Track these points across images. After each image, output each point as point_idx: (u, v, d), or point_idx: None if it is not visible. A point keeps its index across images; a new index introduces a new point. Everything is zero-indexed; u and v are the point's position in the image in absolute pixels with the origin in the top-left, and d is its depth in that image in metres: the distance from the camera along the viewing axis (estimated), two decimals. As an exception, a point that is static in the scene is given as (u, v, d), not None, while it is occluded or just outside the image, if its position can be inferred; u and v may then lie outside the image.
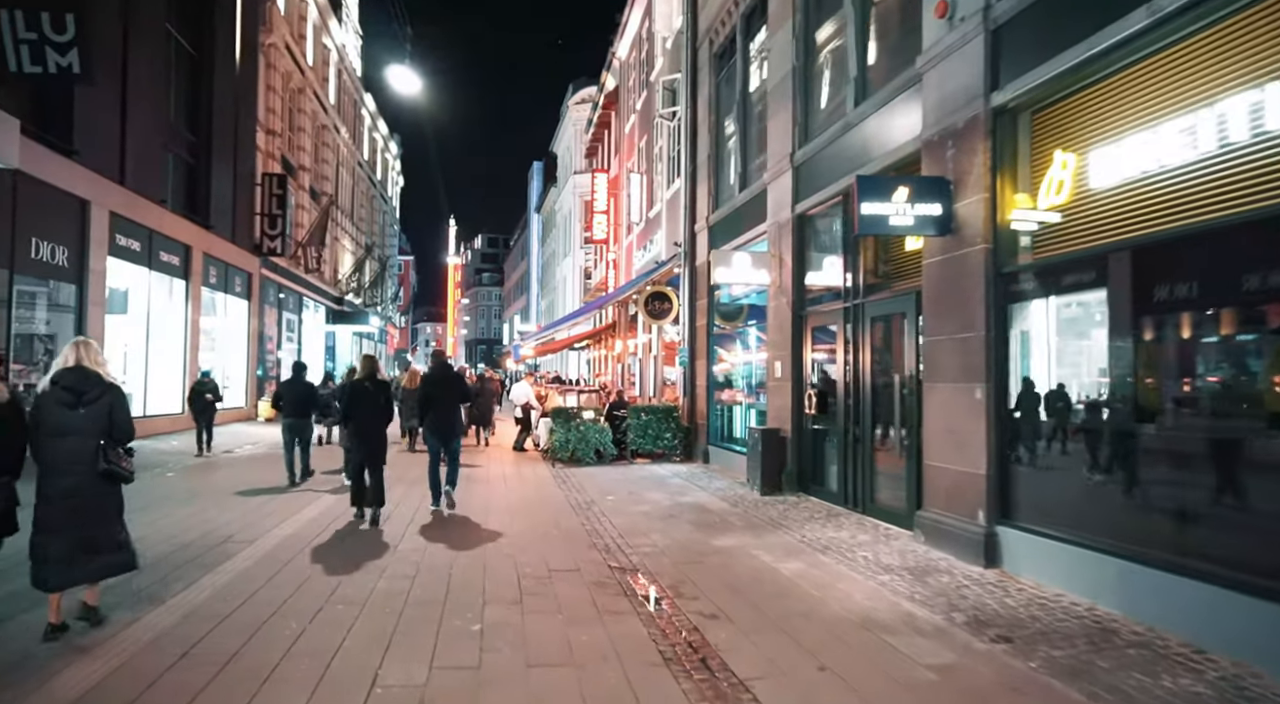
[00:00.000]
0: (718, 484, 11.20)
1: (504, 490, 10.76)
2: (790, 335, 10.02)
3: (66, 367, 4.58)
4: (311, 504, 9.32)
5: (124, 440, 4.68)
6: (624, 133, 22.82)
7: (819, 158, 9.47)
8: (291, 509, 8.96)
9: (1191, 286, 4.72)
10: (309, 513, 8.75)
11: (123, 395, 4.78)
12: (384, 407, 8.35)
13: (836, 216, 9.29)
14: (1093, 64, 5.30)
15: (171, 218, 18.75)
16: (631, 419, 14.16)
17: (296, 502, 9.47)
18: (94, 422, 4.53)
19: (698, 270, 14.44)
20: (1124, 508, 5.15)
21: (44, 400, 4.52)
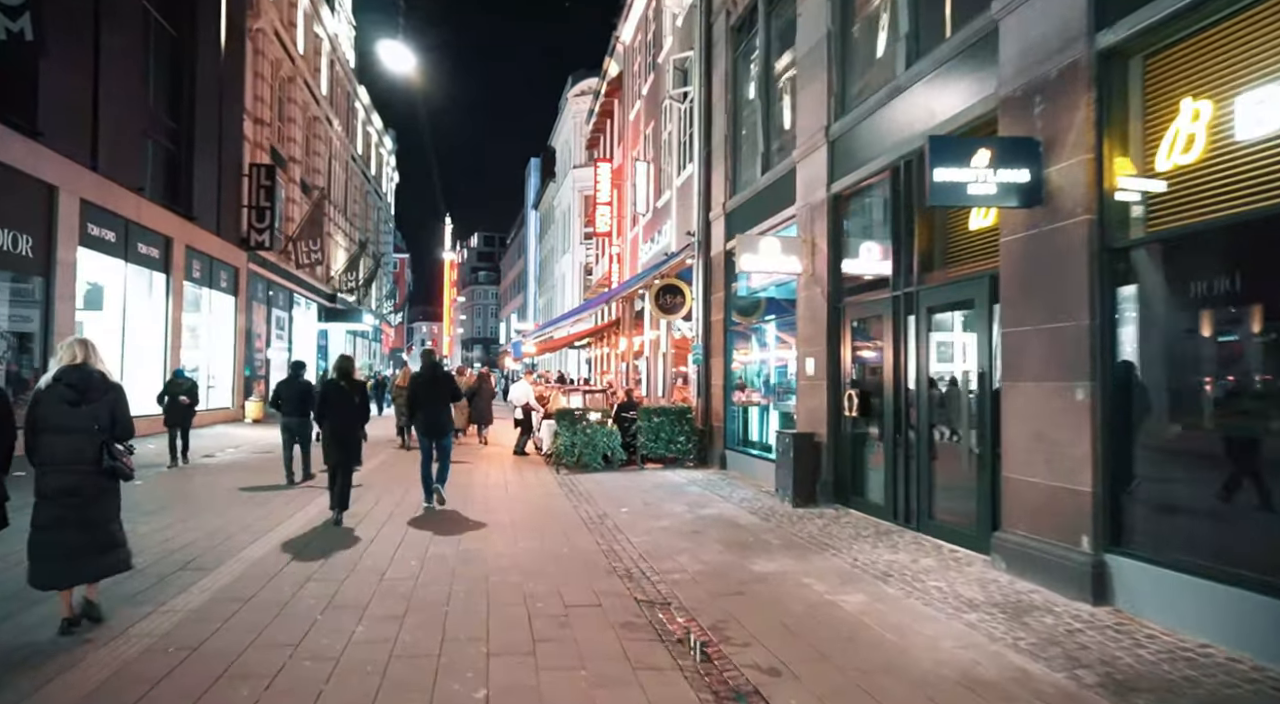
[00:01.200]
0: (741, 493, 10.17)
1: (506, 501, 9.72)
2: (825, 329, 8.99)
3: (70, 365, 4.58)
4: (292, 518, 8.26)
5: (125, 439, 4.73)
6: (628, 121, 21.78)
7: (860, 131, 8.45)
8: (268, 524, 7.90)
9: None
10: (285, 530, 7.70)
11: (124, 394, 4.77)
12: (359, 407, 8.34)
13: (882, 195, 8.27)
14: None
15: (150, 207, 17.68)
16: (642, 421, 13.12)
17: (276, 514, 8.41)
18: (95, 420, 4.54)
19: (713, 261, 13.41)
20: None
21: (45, 398, 4.49)
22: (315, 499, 9.46)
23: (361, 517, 8.41)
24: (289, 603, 5.26)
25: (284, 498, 9.61)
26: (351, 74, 41.20)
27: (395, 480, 11.20)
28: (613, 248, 22.56)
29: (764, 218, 11.08)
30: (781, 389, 11.94)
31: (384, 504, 9.28)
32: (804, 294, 9.61)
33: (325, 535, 7.47)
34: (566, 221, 41.46)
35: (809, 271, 9.36)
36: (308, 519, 8.29)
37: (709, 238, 13.60)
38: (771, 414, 11.89)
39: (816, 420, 9.19)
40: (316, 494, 9.83)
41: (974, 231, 6.65)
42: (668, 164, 17.22)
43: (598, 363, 28.34)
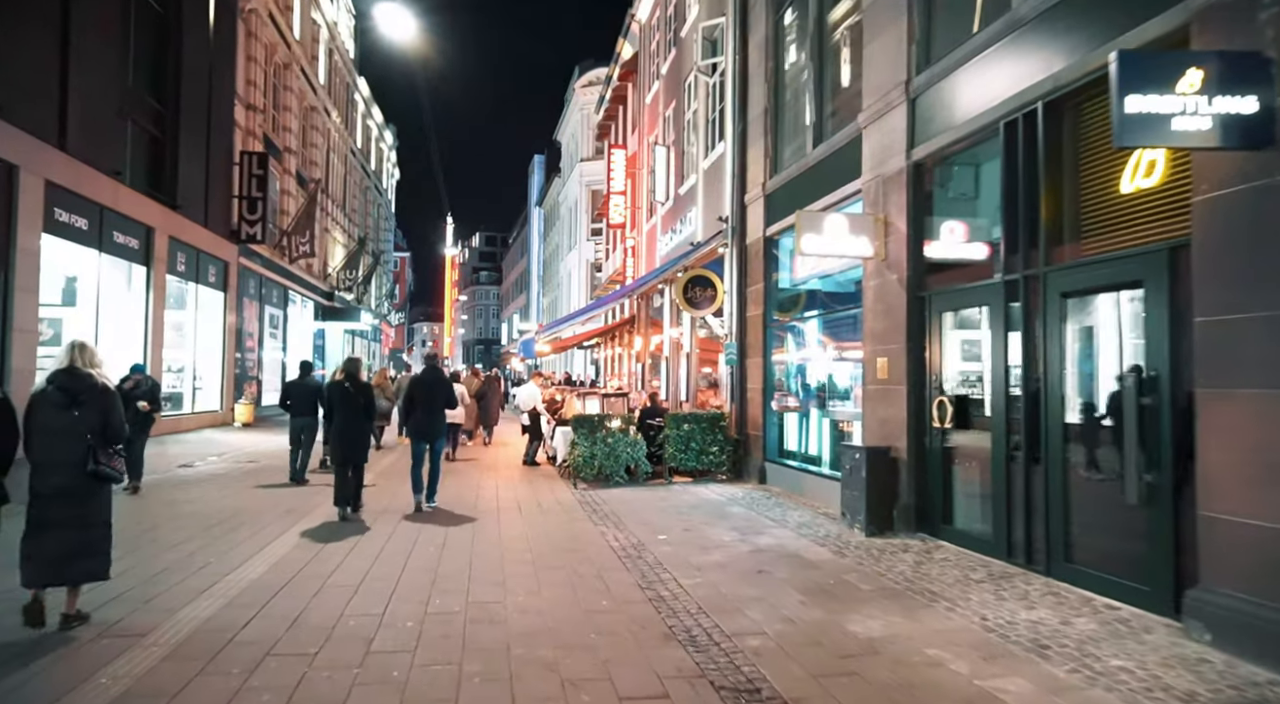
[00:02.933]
0: (794, 516, 8.68)
1: (522, 527, 8.23)
2: (904, 323, 7.52)
3: (60, 368, 4.63)
4: (260, 554, 6.79)
5: (115, 442, 4.71)
6: (644, 104, 20.33)
7: (954, 82, 6.98)
8: (221, 568, 6.43)
9: None
10: (248, 573, 6.22)
11: (116, 397, 4.80)
12: (364, 408, 8.61)
13: (986, 158, 6.80)
14: None
15: (129, 194, 16.21)
16: (670, 430, 11.64)
17: (232, 555, 6.94)
18: (86, 423, 4.58)
19: (749, 249, 11.93)
20: None
21: (39, 401, 4.59)
22: (296, 525, 7.99)
23: (346, 552, 6.94)
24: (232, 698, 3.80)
25: (253, 530, 8.12)
26: (351, 64, 39.79)
27: (387, 509, 9.73)
28: (628, 240, 21.08)
29: (815, 197, 9.60)
30: (832, 394, 10.46)
31: (375, 535, 7.80)
32: (873, 283, 8.14)
33: (291, 586, 5.99)
34: (573, 217, 40.04)
35: (880, 255, 7.89)
36: (278, 557, 6.80)
37: (744, 223, 12.13)
38: (821, 422, 10.41)
39: (891, 432, 7.70)
40: (297, 521, 8.35)
41: (1132, 194, 5.18)
42: (692, 146, 15.75)
43: (608, 364, 26.86)
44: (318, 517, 8.45)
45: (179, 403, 19.68)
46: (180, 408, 19.64)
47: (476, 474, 12.58)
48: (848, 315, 10.21)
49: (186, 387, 20.13)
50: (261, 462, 13.69)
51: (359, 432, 8.58)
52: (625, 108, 24.35)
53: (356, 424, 8.53)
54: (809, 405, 10.83)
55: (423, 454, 9.10)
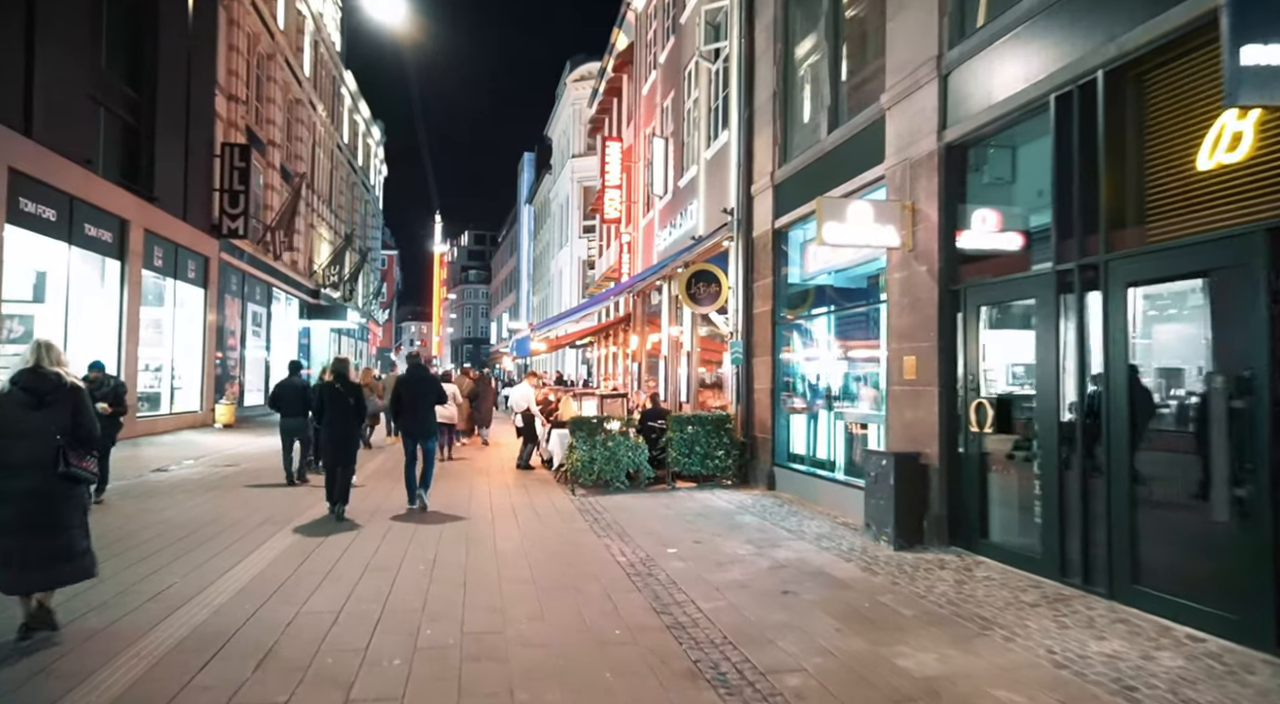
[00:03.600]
0: (812, 527, 8.08)
1: (518, 538, 7.59)
2: (935, 318, 6.93)
3: (25, 367, 4.48)
4: (235, 568, 6.12)
5: (87, 441, 4.55)
6: (640, 96, 19.70)
7: (993, 55, 6.39)
8: (186, 590, 5.77)
9: None
10: (215, 596, 5.56)
11: (85, 396, 4.63)
12: (353, 408, 8.60)
13: (1032, 137, 6.22)
14: None
15: (102, 184, 15.46)
16: (673, 433, 11.03)
17: (208, 569, 6.27)
18: (54, 423, 4.42)
19: (756, 243, 11.33)
20: None
21: (3, 401, 4.40)
22: (274, 538, 7.32)
23: (326, 569, 6.29)
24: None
25: (226, 543, 7.45)
26: (337, 58, 38.96)
27: (377, 512, 9.08)
28: (622, 236, 20.44)
29: (831, 185, 9.00)
30: (846, 395, 9.88)
31: (361, 548, 7.15)
32: (898, 276, 7.54)
33: (263, 614, 5.34)
34: (564, 215, 39.36)
35: (907, 246, 7.29)
36: (250, 576, 6.14)
37: (751, 215, 11.52)
38: (835, 425, 9.82)
39: (919, 436, 7.11)
40: (275, 532, 7.68)
41: (1214, 171, 4.60)
42: (692, 137, 15.14)
43: (601, 364, 26.22)
44: (299, 526, 7.78)
45: (156, 403, 18.90)
46: (157, 408, 18.86)
47: (469, 478, 11.92)
48: (863, 312, 9.65)
49: (164, 386, 19.35)
50: (241, 465, 12.99)
51: (348, 432, 8.62)
52: (620, 100, 23.71)
53: (346, 424, 8.59)
54: (821, 407, 10.24)
55: (415, 453, 9.07)
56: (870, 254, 8.94)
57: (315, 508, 8.88)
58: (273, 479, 11.22)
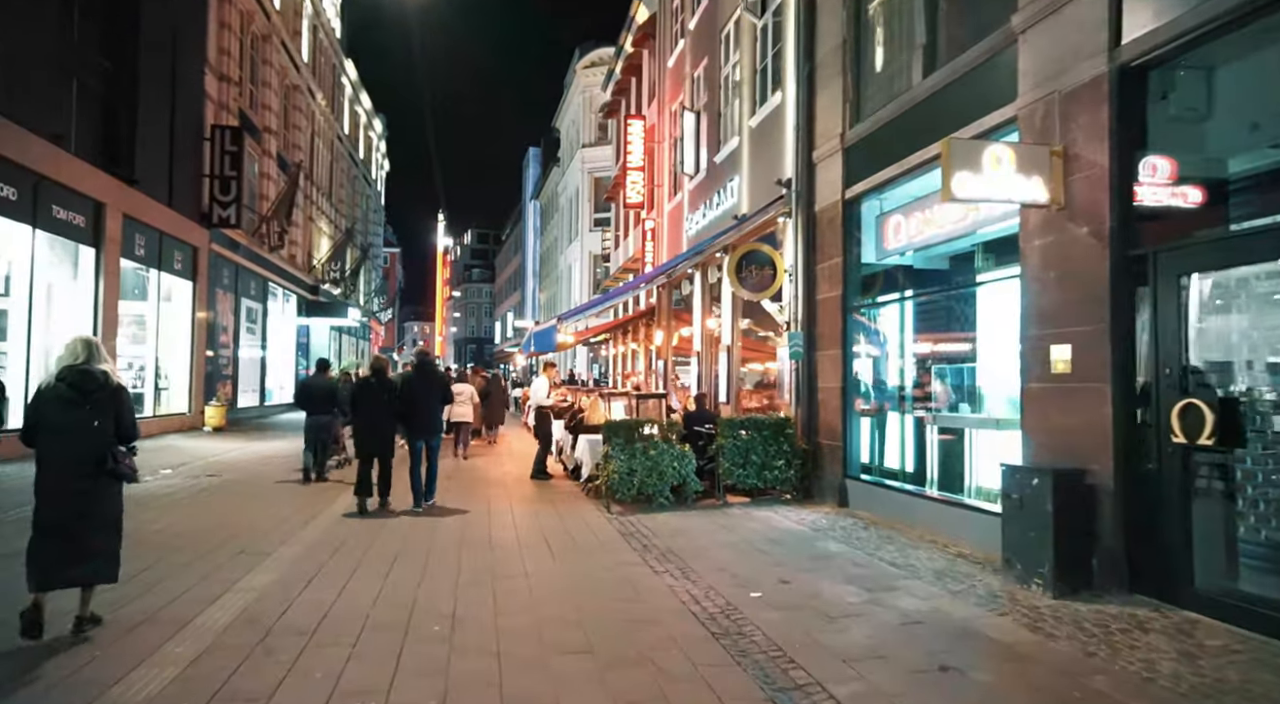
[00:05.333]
0: (922, 559, 6.47)
1: (556, 577, 5.99)
2: (1107, 294, 5.32)
3: (72, 364, 4.42)
4: (184, 631, 4.53)
5: (128, 440, 4.60)
6: (665, 69, 18.10)
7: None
8: (125, 661, 4.17)
9: None
10: (146, 684, 3.96)
11: (128, 395, 4.66)
12: (388, 403, 8.80)
13: (1256, 47, 4.62)
14: None
15: (74, 163, 13.89)
16: (725, 439, 9.43)
17: (144, 639, 4.68)
18: (98, 421, 4.41)
19: (820, 217, 9.74)
20: None
21: (46, 397, 4.39)
22: (246, 577, 5.71)
23: (311, 628, 4.68)
24: None
25: (184, 585, 5.86)
26: (337, 44, 37.38)
27: (372, 547, 7.49)
28: (645, 223, 18.83)
29: (929, 140, 7.40)
30: (939, 394, 8.30)
31: (353, 603, 5.55)
32: (1040, 242, 5.94)
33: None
34: (573, 208, 37.80)
35: (1057, 202, 5.68)
36: (203, 647, 4.54)
37: (812, 186, 9.92)
38: (929, 431, 8.22)
39: (1079, 448, 5.50)
40: (248, 570, 6.07)
41: None
42: (731, 106, 13.54)
43: (618, 362, 24.60)
44: (279, 561, 6.19)
45: (139, 405, 17.31)
46: (140, 411, 17.24)
47: (485, 490, 10.33)
48: (965, 293, 8.07)
49: (148, 387, 17.77)
50: (225, 475, 11.40)
51: (384, 427, 8.81)
52: (639, 79, 22.11)
53: (382, 420, 8.79)
54: (909, 409, 8.64)
55: (421, 452, 8.88)
56: (969, 224, 7.35)
57: (305, 533, 7.30)
58: (257, 493, 9.67)
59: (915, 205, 8.14)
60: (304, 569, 5.93)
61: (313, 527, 7.68)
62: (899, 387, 9.00)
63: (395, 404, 8.83)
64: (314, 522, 7.93)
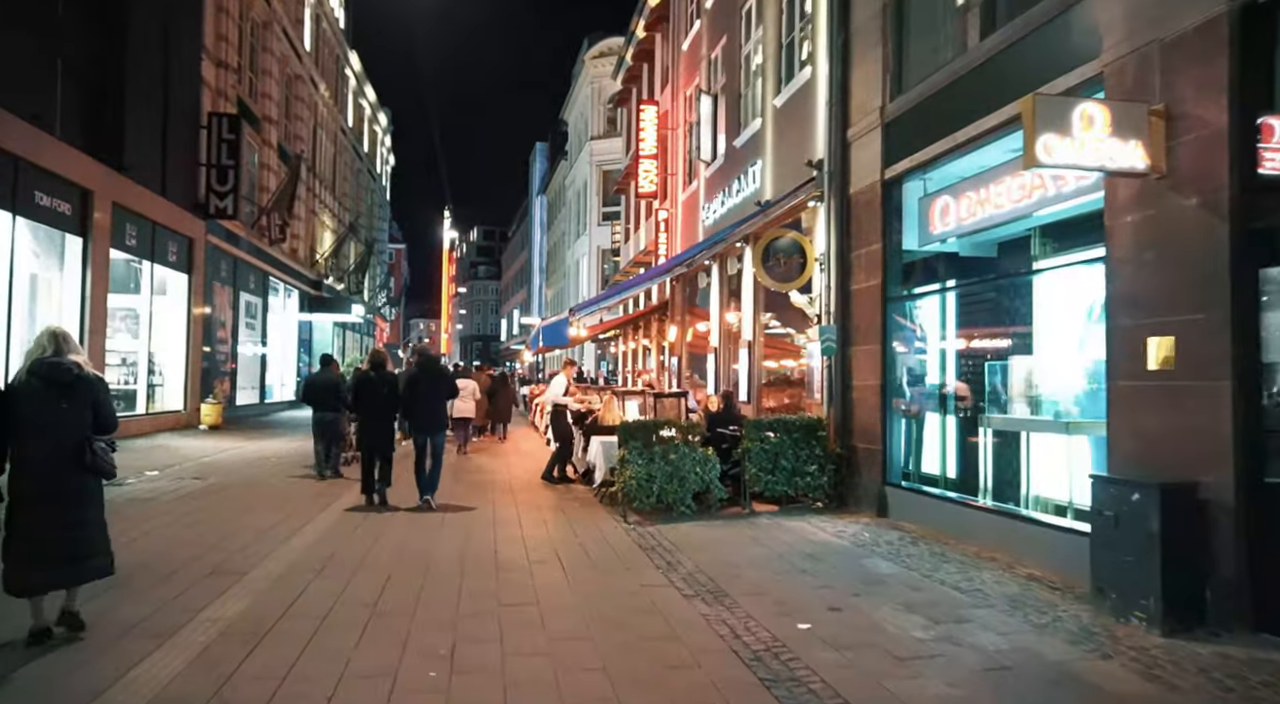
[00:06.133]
0: (989, 582, 5.67)
1: (572, 604, 5.21)
2: (1226, 275, 4.50)
3: (44, 357, 4.25)
4: (138, 668, 3.76)
5: (107, 433, 4.44)
6: (680, 53, 17.29)
7: None
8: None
9: None
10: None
11: (106, 388, 4.52)
12: (388, 397, 8.72)
13: None
14: None
15: (58, 147, 13.15)
16: (751, 442, 8.64)
17: (97, 670, 3.91)
18: (76, 415, 4.26)
19: (855, 201, 8.93)
20: None
21: (19, 392, 4.21)
22: (215, 603, 4.94)
23: (282, 672, 3.91)
24: None
25: (148, 608, 5.10)
26: (341, 35, 36.65)
27: (362, 564, 6.72)
28: (659, 213, 18.03)
29: (989, 108, 6.59)
30: (997, 392, 7.50)
31: (335, 642, 4.78)
32: (1133, 218, 5.13)
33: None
34: (581, 201, 37.02)
35: (1158, 169, 4.86)
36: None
37: (846, 167, 9.12)
38: (984, 434, 7.41)
39: (1189, 458, 4.69)
40: (218, 594, 5.30)
41: None
42: (752, 87, 12.75)
43: (627, 360, 23.81)
44: (254, 584, 5.42)
45: (130, 402, 16.57)
46: (132, 408, 16.52)
47: (492, 496, 9.56)
48: (1021, 281, 7.28)
49: (140, 383, 17.06)
50: (214, 478, 10.66)
51: (384, 422, 8.72)
52: (651, 65, 21.31)
53: (382, 414, 8.70)
54: (958, 409, 7.84)
55: (425, 448, 8.62)
56: (1033, 202, 6.53)
57: (289, 547, 6.54)
58: (245, 498, 8.92)
59: (968, 184, 7.32)
60: (281, 595, 5.15)
61: (299, 538, 6.92)
62: (944, 384, 8.20)
63: (395, 399, 8.73)
64: (301, 532, 7.18)
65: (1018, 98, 6.23)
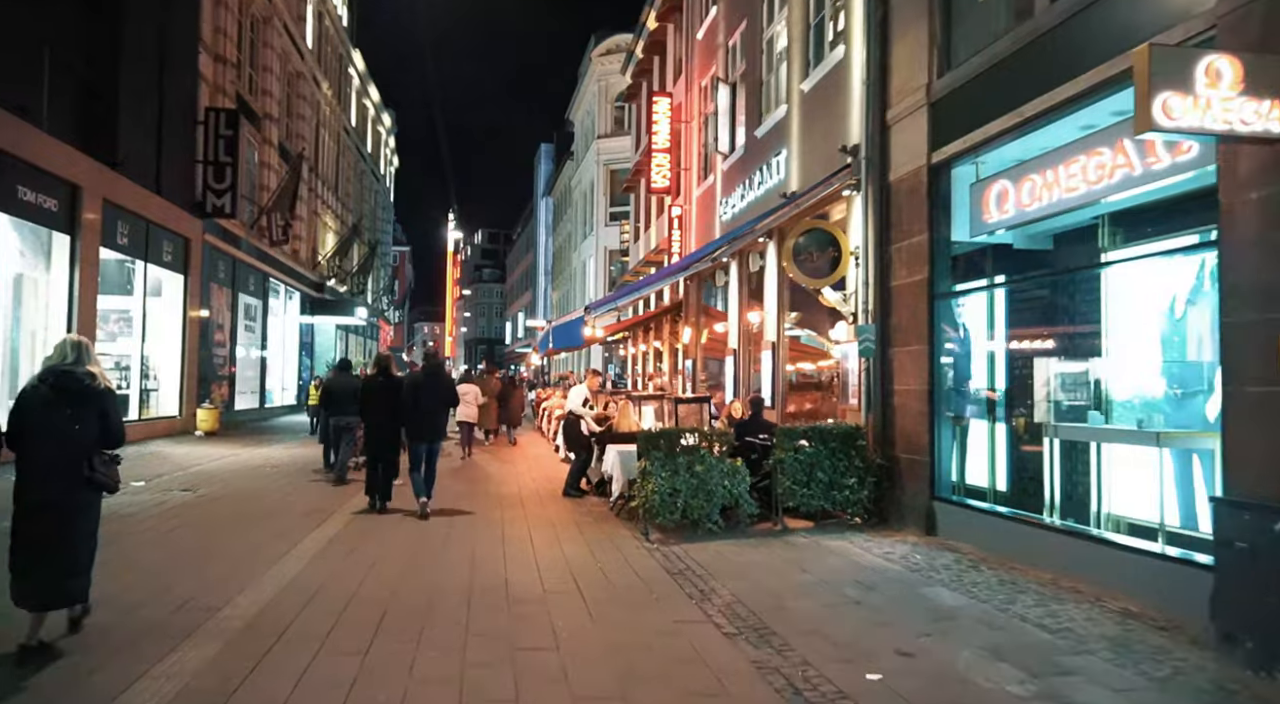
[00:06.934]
0: (1078, 619, 4.90)
1: (598, 648, 4.47)
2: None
3: (57, 366, 4.20)
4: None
5: (114, 446, 4.39)
6: (694, 42, 16.56)
7: None
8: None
9: None
10: None
11: (114, 399, 4.44)
12: (394, 403, 8.56)
13: None
14: None
15: (43, 140, 12.48)
16: (783, 452, 7.88)
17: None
18: (83, 425, 4.19)
19: (897, 189, 8.19)
20: None
21: (30, 400, 4.18)
22: (182, 649, 4.20)
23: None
24: None
25: (96, 660, 4.35)
26: (344, 33, 36.03)
27: (357, 595, 5.98)
28: (672, 210, 17.28)
29: (1059, 79, 5.84)
30: (1069, 400, 6.75)
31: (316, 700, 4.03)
32: (1265, 193, 4.37)
33: None
34: (588, 202, 36.32)
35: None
36: None
37: (886, 152, 8.38)
38: (1052, 445, 6.65)
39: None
40: (183, 639, 4.55)
41: None
42: (776, 73, 12.03)
43: (636, 362, 23.06)
44: (223, 628, 4.68)
45: (122, 408, 15.72)
46: (125, 414, 15.54)
47: (501, 511, 8.81)
48: (1081, 277, 6.54)
49: (133, 388, 16.37)
50: (202, 490, 9.96)
51: (391, 428, 8.60)
52: (663, 57, 20.59)
53: (388, 420, 8.59)
54: (1018, 416, 7.09)
55: (421, 455, 8.43)
56: (1115, 181, 5.76)
57: (271, 576, 5.80)
58: (232, 515, 8.20)
59: (1031, 166, 6.57)
60: (257, 640, 4.41)
61: (286, 564, 6.19)
62: (998, 389, 7.45)
63: (400, 404, 8.57)
64: (289, 556, 6.45)
65: (1098, 65, 5.53)
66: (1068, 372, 6.90)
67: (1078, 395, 6.68)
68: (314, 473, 11.39)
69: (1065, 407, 6.72)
